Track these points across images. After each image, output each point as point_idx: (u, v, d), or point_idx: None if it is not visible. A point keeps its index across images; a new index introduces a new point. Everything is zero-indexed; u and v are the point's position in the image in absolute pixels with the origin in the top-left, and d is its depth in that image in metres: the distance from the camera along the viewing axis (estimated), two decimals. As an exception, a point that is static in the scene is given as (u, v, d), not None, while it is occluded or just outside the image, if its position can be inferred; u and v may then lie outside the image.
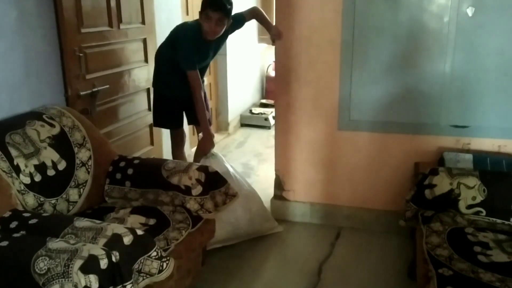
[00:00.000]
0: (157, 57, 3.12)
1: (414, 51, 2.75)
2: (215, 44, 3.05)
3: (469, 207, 2.23)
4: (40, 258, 1.49)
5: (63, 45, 2.52)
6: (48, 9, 2.44)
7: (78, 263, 1.46)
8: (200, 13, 2.86)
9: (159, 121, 3.23)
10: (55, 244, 1.55)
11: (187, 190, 2.29)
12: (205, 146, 2.97)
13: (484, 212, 2.21)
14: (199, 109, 2.94)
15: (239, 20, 3.13)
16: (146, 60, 3.29)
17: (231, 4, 2.85)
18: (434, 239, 2.04)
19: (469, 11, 2.59)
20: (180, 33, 2.95)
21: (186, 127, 3.46)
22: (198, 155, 3.01)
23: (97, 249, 1.53)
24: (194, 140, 4.08)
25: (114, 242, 1.64)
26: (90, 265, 1.47)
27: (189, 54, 2.87)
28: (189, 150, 3.43)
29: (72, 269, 1.45)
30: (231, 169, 2.94)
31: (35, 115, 2.26)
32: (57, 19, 2.48)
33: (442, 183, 2.27)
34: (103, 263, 1.50)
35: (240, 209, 2.82)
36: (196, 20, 2.99)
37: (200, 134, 3.07)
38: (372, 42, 2.79)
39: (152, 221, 2.14)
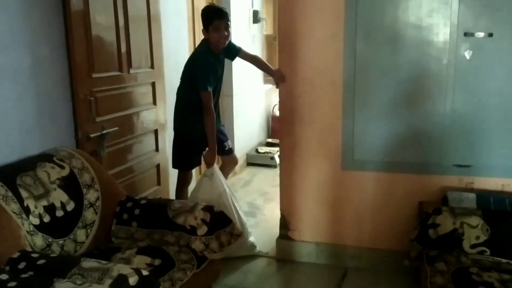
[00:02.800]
0: (176, 100, 3.30)
1: (415, 92, 2.81)
2: (222, 60, 3.26)
3: (473, 246, 2.23)
4: (47, 299, 1.52)
5: (74, 89, 2.61)
6: (61, 56, 2.55)
7: (84, 303, 1.49)
8: (206, 28, 3.10)
9: (177, 161, 3.32)
10: (62, 285, 1.58)
11: (193, 230, 2.32)
12: (209, 158, 3.15)
13: (489, 252, 2.22)
14: (208, 121, 3.10)
15: (234, 51, 3.34)
16: (154, 103, 3.38)
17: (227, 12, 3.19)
18: (439, 279, 2.04)
19: (467, 54, 2.67)
20: (196, 60, 3.17)
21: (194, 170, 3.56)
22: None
23: (103, 290, 1.56)
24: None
25: (120, 282, 1.67)
26: (95, 306, 1.50)
27: (208, 74, 3.09)
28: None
29: (78, 310, 1.48)
30: (223, 195, 3.04)
31: (46, 157, 2.33)
32: (70, 65, 2.59)
33: (445, 223, 2.29)
34: (109, 304, 1.52)
35: None
36: (200, 46, 3.23)
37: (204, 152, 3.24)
38: (373, 83, 2.86)
39: (157, 262, 2.16)
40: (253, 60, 3.42)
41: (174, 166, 3.36)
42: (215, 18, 3.05)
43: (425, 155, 2.86)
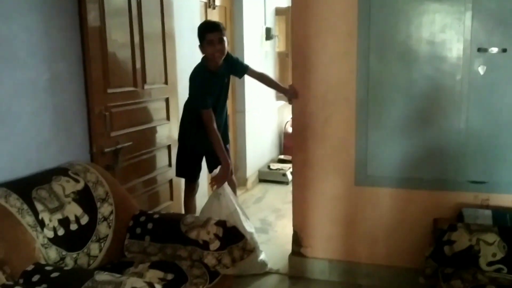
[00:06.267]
0: (182, 112, 3.35)
1: (429, 108, 2.81)
2: (222, 76, 3.22)
3: (490, 264, 2.20)
4: (61, 311, 1.52)
5: (90, 105, 2.65)
6: (78, 72, 2.60)
7: (97, 316, 1.49)
8: (201, 43, 3.12)
9: (181, 171, 3.36)
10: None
11: (205, 245, 2.32)
12: (224, 174, 3.09)
13: (506, 269, 2.18)
14: (212, 140, 3.07)
15: (241, 68, 3.36)
16: (168, 118, 3.41)
17: (222, 24, 3.18)
18: (455, 297, 2.00)
19: (481, 70, 2.66)
20: (190, 78, 3.20)
21: (203, 179, 3.58)
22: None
23: (116, 303, 1.55)
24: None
25: (133, 296, 1.66)
26: (109, 319, 1.50)
27: (199, 92, 3.10)
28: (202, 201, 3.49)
29: (91, 323, 1.48)
30: (234, 215, 3.01)
31: (61, 171, 2.36)
32: (86, 81, 2.63)
33: (461, 239, 2.26)
34: (122, 317, 1.52)
35: None
36: (198, 63, 3.23)
37: (214, 172, 3.17)
38: (386, 99, 2.86)
39: (170, 276, 2.16)
40: (261, 77, 3.44)
41: (177, 175, 3.40)
42: (207, 32, 3.06)
43: (439, 171, 2.83)
